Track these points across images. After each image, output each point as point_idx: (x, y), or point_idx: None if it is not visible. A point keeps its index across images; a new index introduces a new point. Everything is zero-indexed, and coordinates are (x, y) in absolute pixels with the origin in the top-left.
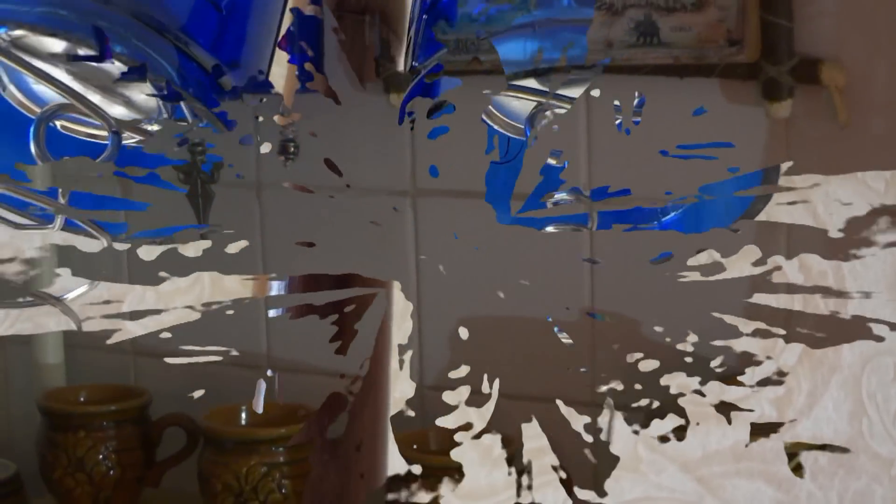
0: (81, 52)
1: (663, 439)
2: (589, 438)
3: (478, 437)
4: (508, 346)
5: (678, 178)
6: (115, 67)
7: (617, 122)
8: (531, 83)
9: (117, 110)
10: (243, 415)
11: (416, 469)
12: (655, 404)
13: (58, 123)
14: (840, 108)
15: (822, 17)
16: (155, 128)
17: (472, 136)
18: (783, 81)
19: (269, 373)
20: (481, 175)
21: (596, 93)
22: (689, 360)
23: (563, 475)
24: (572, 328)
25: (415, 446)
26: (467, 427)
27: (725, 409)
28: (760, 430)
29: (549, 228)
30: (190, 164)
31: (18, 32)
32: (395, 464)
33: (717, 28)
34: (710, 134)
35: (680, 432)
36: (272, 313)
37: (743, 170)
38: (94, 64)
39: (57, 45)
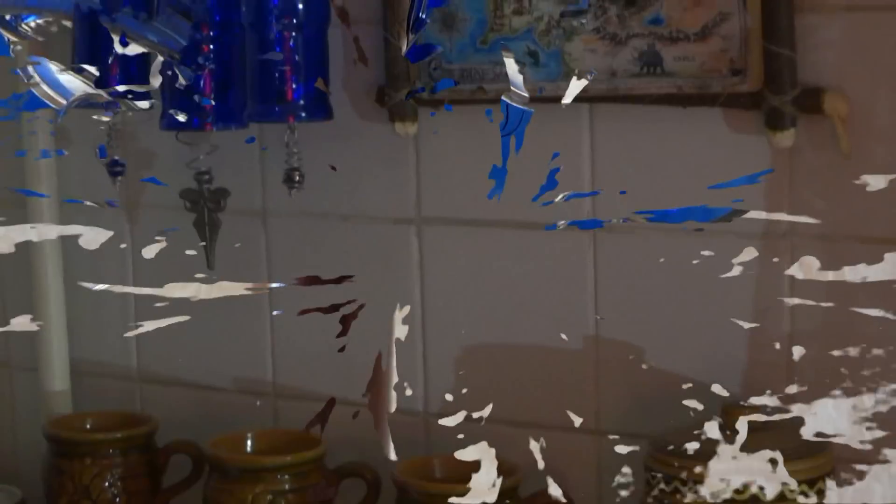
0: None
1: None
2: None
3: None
4: (513, 371)
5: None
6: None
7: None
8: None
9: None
10: (249, 442)
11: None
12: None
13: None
14: (843, 138)
15: (825, 48)
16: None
17: (477, 162)
18: (786, 111)
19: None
20: (486, 202)
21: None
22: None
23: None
24: (576, 346)
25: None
26: (472, 420)
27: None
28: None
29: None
30: (196, 191)
31: (45, 21)
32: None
33: (721, 58)
34: (714, 163)
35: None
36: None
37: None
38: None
39: None
